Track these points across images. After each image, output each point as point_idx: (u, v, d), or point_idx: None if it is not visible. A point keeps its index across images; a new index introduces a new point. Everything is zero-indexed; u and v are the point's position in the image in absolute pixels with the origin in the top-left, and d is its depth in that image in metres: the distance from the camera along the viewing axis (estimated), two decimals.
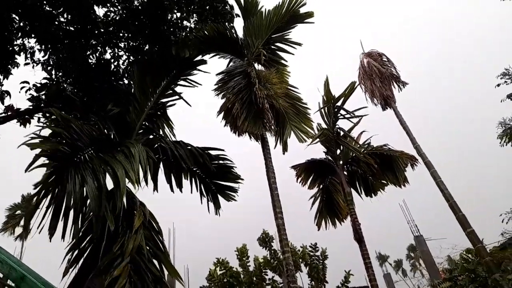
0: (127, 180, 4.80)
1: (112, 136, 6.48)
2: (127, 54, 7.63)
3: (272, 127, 10.15)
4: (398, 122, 14.04)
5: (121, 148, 5.16)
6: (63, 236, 4.36)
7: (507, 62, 10.76)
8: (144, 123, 6.92)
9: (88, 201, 4.50)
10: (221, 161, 6.56)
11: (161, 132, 7.04)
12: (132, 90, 7.21)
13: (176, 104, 7.50)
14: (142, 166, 5.06)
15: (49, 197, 4.35)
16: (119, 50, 7.61)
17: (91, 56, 7.39)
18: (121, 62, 7.62)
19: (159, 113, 7.35)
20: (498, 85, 10.72)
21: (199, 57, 7.81)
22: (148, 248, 4.93)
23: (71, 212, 4.33)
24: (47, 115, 6.66)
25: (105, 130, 6.54)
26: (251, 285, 12.77)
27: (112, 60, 7.56)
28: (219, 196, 6.74)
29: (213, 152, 6.49)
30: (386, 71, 15.20)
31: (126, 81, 7.69)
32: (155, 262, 5.02)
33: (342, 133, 11.81)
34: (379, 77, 14.99)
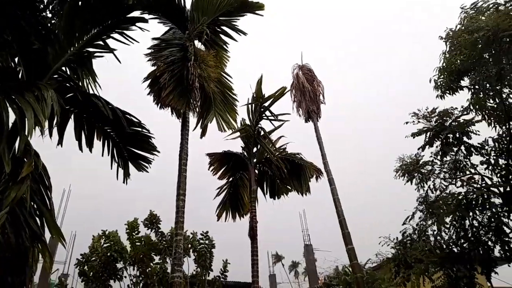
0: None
1: (20, 74, 5.71)
2: None
3: (197, 108, 9.92)
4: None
5: (32, 89, 4.55)
6: None
7: None
8: (63, 68, 6.19)
9: None
10: (139, 129, 6.15)
11: (81, 84, 6.35)
12: (56, 30, 6.38)
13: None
14: (53, 114, 4.51)
15: None
16: None
17: None
18: None
19: (82, 61, 6.64)
20: (407, 122, 11.84)
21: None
22: (32, 203, 4.49)
23: None
24: None
25: (12, 64, 5.77)
26: (138, 262, 12.26)
27: None
28: (130, 164, 6.35)
29: (134, 119, 6.06)
30: (315, 88, 16.01)
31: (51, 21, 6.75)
32: (38, 219, 4.58)
33: (262, 133, 12.04)
34: (309, 92, 15.69)
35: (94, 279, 11.94)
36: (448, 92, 11.49)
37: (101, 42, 6.70)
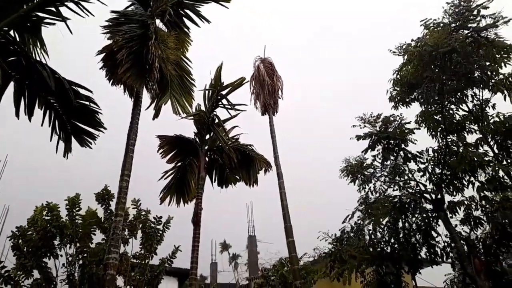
0: None
1: None
2: None
3: (154, 88, 9.76)
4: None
5: None
6: None
7: None
8: (9, 31, 5.87)
9: None
10: (86, 102, 5.97)
11: (27, 49, 6.04)
12: None
13: None
14: None
15: None
16: None
17: None
18: None
19: (29, 24, 6.32)
20: (354, 125, 12.41)
21: None
22: None
23: None
24: None
25: None
26: (79, 240, 11.78)
27: None
28: (73, 138, 6.15)
29: (81, 91, 5.87)
30: (274, 82, 16.21)
31: None
32: None
33: (217, 120, 11.99)
34: (268, 85, 15.86)
35: (28, 255, 11.33)
36: (401, 104, 12.19)
37: (53, 9, 6.40)
